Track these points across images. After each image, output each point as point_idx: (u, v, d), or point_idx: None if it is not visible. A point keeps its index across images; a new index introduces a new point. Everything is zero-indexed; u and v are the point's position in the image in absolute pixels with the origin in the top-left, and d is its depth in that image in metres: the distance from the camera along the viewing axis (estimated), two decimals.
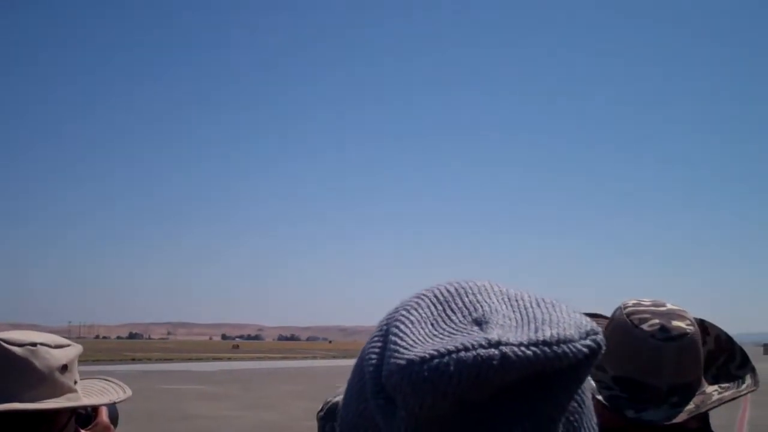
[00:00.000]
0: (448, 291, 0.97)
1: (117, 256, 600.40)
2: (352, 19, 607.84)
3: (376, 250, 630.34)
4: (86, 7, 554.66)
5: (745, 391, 1.74)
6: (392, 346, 0.91)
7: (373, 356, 0.91)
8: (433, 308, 0.95)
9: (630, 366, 1.71)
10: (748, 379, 1.77)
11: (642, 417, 1.66)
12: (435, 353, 0.88)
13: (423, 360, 0.87)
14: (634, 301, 1.77)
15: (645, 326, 1.69)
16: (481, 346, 0.90)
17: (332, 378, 38.14)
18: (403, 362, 0.85)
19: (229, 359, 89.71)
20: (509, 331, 0.92)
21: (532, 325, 0.93)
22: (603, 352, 0.93)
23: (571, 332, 0.92)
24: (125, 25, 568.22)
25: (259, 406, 26.95)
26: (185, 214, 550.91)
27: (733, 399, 1.74)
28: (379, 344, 0.93)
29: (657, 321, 1.69)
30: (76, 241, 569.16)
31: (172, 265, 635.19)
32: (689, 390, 1.70)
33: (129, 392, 2.25)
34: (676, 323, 1.69)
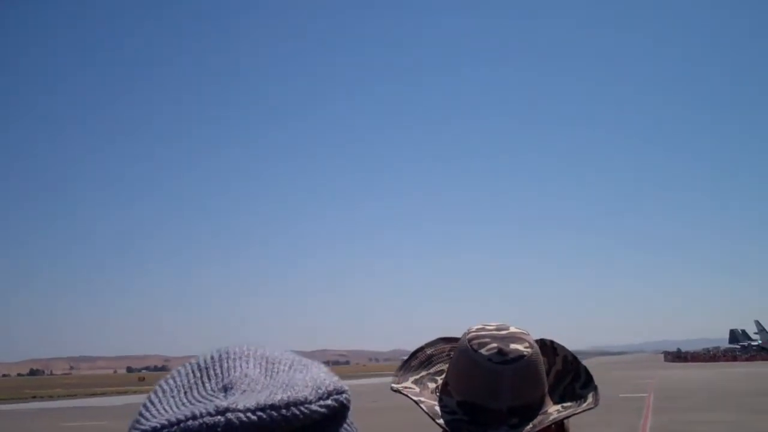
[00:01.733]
0: (212, 358, 1.01)
1: (13, 288, 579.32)
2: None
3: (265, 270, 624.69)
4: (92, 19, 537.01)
5: (582, 409, 1.80)
6: (138, 416, 0.97)
7: (131, 423, 0.97)
8: (191, 376, 1.00)
9: (471, 390, 1.75)
10: (590, 398, 1.83)
11: None
12: (166, 423, 0.96)
13: (155, 430, 0.95)
14: (479, 326, 1.83)
15: (483, 351, 1.75)
16: (209, 413, 0.98)
17: None
18: None
19: (135, 392, 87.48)
20: (246, 397, 0.99)
21: (268, 390, 0.99)
22: (349, 409, 1.00)
23: (305, 394, 0.98)
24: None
25: None
26: (84, 243, 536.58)
27: (569, 417, 1.80)
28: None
29: (495, 345, 1.74)
30: None
31: (72, 297, 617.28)
32: (529, 411, 1.75)
33: None
34: (513, 346, 1.75)
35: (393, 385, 1.91)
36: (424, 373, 1.93)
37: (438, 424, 1.77)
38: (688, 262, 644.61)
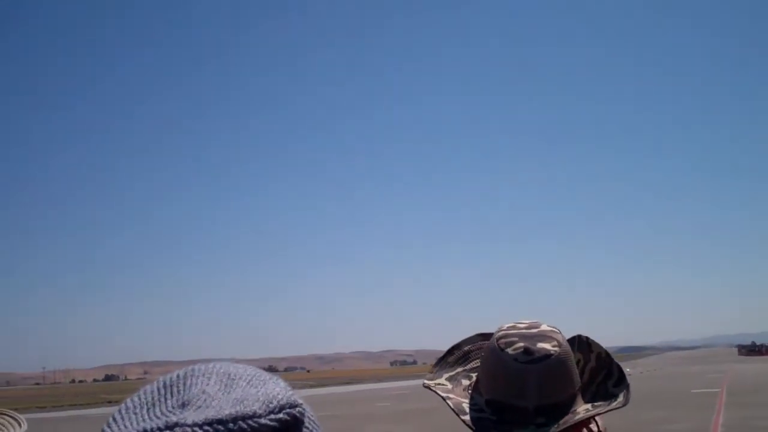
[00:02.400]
0: (177, 375, 1.05)
1: (86, 295, 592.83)
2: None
3: (333, 278, 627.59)
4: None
5: (611, 408, 1.79)
6: None
7: None
8: (156, 393, 1.05)
9: (498, 389, 1.77)
10: (621, 397, 1.81)
11: None
12: None
13: None
14: (510, 325, 1.84)
15: (510, 350, 1.76)
16: (159, 428, 1.03)
17: (312, 408, 37.75)
18: None
19: None
20: (198, 413, 1.03)
21: (218, 405, 1.03)
22: (303, 423, 1.04)
23: (254, 408, 1.03)
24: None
25: None
26: (154, 248, 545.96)
27: (596, 415, 1.80)
28: None
29: (522, 344, 1.76)
30: (44, 286, 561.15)
31: (146, 302, 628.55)
32: (557, 410, 1.75)
33: (25, 426, 2.33)
34: (541, 345, 1.75)
35: (425, 381, 1.94)
36: (459, 369, 1.95)
37: (463, 420, 1.79)
38: (760, 252, 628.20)
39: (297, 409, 1.05)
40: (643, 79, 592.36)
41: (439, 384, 1.92)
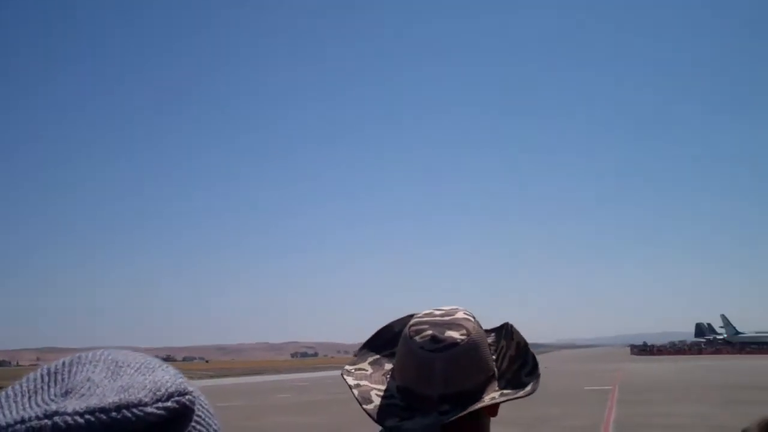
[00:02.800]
0: (63, 362, 1.01)
1: None
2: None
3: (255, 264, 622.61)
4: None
5: (517, 396, 1.78)
6: None
7: None
8: (39, 380, 1.00)
9: (407, 376, 1.77)
10: (529, 387, 1.81)
11: (402, 426, 1.74)
12: None
13: None
14: (427, 311, 1.84)
15: (418, 338, 1.77)
16: (38, 417, 0.99)
17: (209, 398, 37.28)
18: None
19: None
20: (81, 401, 0.99)
21: (102, 393, 0.99)
22: (194, 410, 1.00)
23: (140, 396, 0.98)
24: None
25: None
26: (56, 235, 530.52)
27: (498, 403, 1.79)
28: None
29: (430, 332, 1.76)
30: None
31: (44, 288, 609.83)
32: (463, 397, 1.74)
33: None
34: (449, 333, 1.76)
35: (347, 366, 1.91)
36: (386, 352, 1.93)
37: (364, 409, 1.78)
38: (655, 257, 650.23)
39: (187, 396, 1.01)
40: (583, 84, 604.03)
41: (359, 369, 1.90)
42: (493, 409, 1.82)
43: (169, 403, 1.00)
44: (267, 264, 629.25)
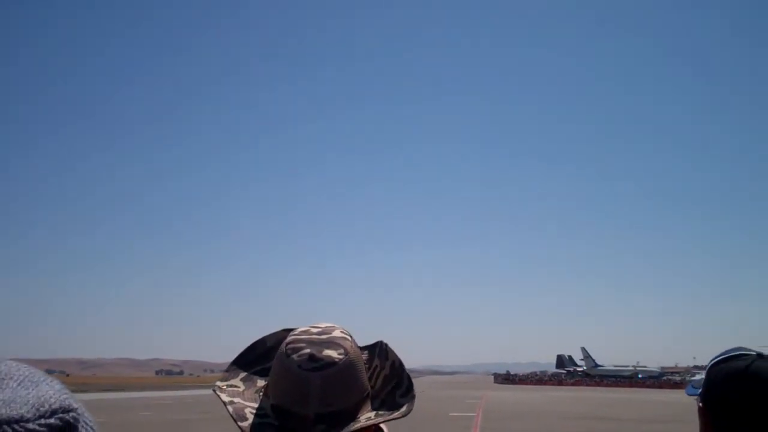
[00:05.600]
0: None
1: None
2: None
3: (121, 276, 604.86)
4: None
5: (392, 417, 1.77)
6: None
7: None
8: None
9: (283, 395, 1.73)
10: (404, 407, 1.79)
11: None
12: None
13: None
14: (304, 329, 1.81)
15: (295, 356, 1.73)
16: None
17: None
18: None
19: None
20: None
21: None
22: (77, 427, 0.96)
23: (22, 412, 0.94)
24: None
25: None
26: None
27: (374, 424, 1.77)
28: None
29: (308, 351, 1.73)
30: None
31: None
32: (339, 417, 1.71)
33: None
34: (327, 352, 1.73)
35: (218, 383, 1.85)
36: (258, 368, 1.89)
37: (240, 427, 1.73)
38: (520, 287, 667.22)
39: (71, 414, 0.97)
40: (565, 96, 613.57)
41: (231, 386, 1.85)
42: (369, 430, 1.80)
43: (52, 420, 0.96)
44: (130, 276, 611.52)
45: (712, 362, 2.12)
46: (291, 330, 1.86)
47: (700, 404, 2.10)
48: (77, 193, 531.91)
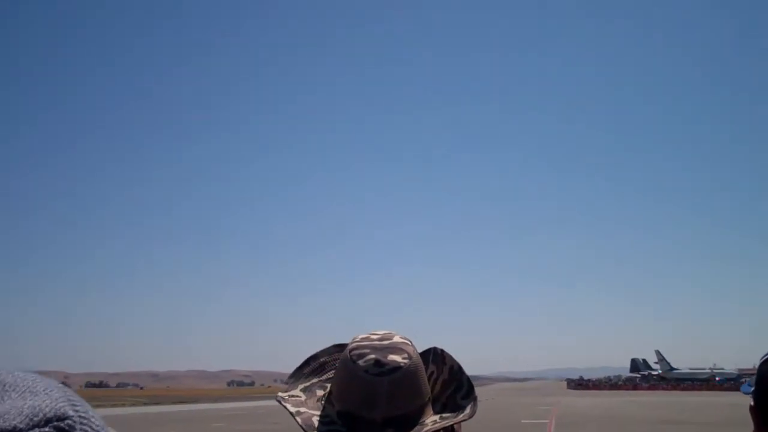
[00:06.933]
0: None
1: None
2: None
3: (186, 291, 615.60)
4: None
5: (457, 420, 1.82)
6: None
7: None
8: None
9: (349, 400, 1.79)
10: (468, 409, 1.84)
11: None
12: None
13: None
14: (364, 336, 1.87)
15: (361, 362, 1.78)
16: None
17: (142, 426, 36.62)
18: None
19: None
20: None
21: None
22: None
23: (15, 423, 0.95)
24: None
25: None
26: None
27: (443, 427, 1.80)
28: None
29: (373, 356, 1.79)
30: None
31: None
32: (405, 421, 1.77)
33: None
34: (391, 357, 1.79)
35: (280, 393, 1.90)
36: (315, 380, 1.94)
37: None
38: (592, 292, 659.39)
39: (66, 421, 0.97)
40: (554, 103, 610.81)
41: (293, 396, 1.91)
42: None
43: (46, 429, 0.96)
44: (200, 290, 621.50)
45: (763, 360, 2.05)
46: (342, 345, 1.95)
47: (752, 402, 2.06)
48: (155, 204, 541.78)
